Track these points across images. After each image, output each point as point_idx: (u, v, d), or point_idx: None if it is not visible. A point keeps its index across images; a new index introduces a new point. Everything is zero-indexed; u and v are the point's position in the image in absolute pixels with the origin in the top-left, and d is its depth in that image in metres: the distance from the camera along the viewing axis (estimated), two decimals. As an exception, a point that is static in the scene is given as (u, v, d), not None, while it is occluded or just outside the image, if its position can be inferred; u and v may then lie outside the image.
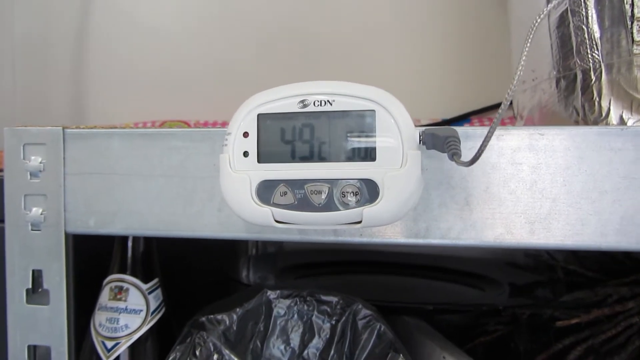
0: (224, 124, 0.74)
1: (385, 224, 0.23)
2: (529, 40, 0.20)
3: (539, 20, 0.20)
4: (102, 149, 0.27)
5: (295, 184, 0.23)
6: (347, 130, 0.23)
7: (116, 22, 0.82)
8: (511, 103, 0.55)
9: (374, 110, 0.22)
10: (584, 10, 0.30)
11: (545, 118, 0.34)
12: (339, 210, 0.22)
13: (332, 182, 0.22)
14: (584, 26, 0.30)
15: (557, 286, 0.55)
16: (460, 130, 0.24)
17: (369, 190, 0.22)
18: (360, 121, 0.22)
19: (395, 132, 0.22)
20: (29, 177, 0.28)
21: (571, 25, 0.31)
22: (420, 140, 0.22)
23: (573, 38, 0.31)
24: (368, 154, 0.22)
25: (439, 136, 0.22)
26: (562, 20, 0.32)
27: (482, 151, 0.18)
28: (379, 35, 0.76)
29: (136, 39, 0.81)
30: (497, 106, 0.67)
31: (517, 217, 0.24)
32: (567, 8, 0.31)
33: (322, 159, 0.23)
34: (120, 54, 0.82)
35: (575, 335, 0.48)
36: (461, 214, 0.25)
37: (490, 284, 0.57)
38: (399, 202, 0.22)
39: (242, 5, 0.78)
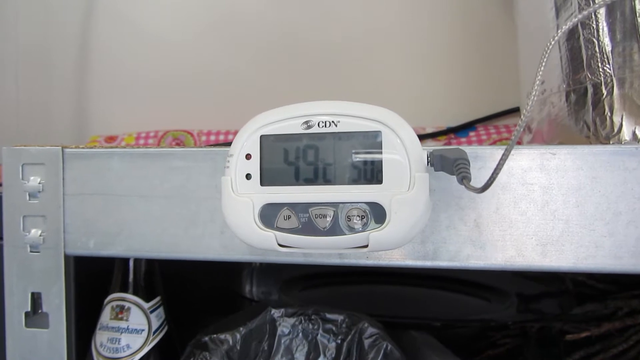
0: (227, 133, 0.73)
1: (392, 248, 0.22)
2: (543, 62, 0.19)
3: (552, 42, 0.20)
4: (102, 169, 0.27)
5: (300, 208, 0.22)
6: (352, 151, 0.22)
7: (119, 31, 0.82)
8: (518, 110, 0.54)
9: (380, 131, 0.22)
10: (594, 23, 0.29)
11: (554, 132, 0.34)
12: (345, 234, 0.22)
13: (337, 205, 0.22)
14: (594, 39, 0.29)
15: (566, 298, 0.54)
16: (469, 150, 0.24)
17: (376, 214, 0.21)
18: (366, 142, 0.22)
19: (403, 154, 0.21)
20: (27, 197, 0.28)
21: (581, 38, 0.30)
22: (428, 162, 0.22)
23: (583, 51, 0.30)
24: (374, 176, 0.22)
25: (448, 158, 0.21)
26: (572, 33, 0.31)
27: (495, 178, 0.18)
28: (383, 42, 0.76)
29: (139, 48, 0.81)
30: (502, 114, 0.66)
31: (528, 238, 0.23)
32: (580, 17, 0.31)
33: (327, 181, 0.22)
34: (122, 63, 0.82)
35: (586, 350, 0.47)
36: (470, 235, 0.24)
37: (498, 295, 0.56)
38: (407, 226, 0.21)
39: (245, 13, 0.78)
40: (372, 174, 0.22)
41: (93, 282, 0.33)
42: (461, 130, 0.72)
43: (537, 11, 0.36)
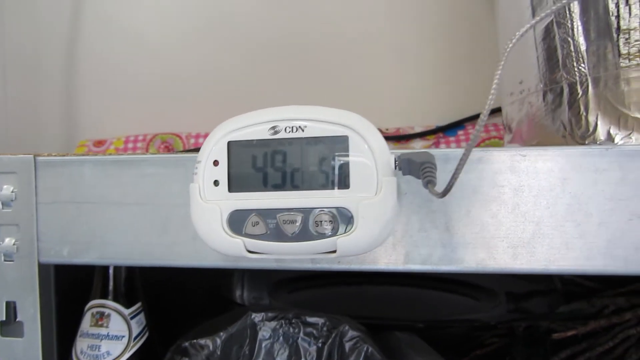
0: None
1: (360, 253, 0.22)
2: (501, 65, 0.19)
3: (510, 45, 0.20)
4: (74, 176, 0.27)
5: (267, 214, 0.22)
6: (320, 156, 0.22)
7: (107, 35, 0.81)
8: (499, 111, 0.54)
9: (347, 136, 0.22)
10: (569, 22, 0.29)
11: (533, 131, 0.34)
12: (313, 240, 0.22)
13: (305, 211, 0.22)
14: (569, 38, 0.29)
15: (554, 296, 0.54)
16: (440, 153, 0.23)
17: (343, 219, 0.21)
18: (334, 147, 0.22)
19: (370, 158, 0.21)
20: (0, 206, 0.27)
21: (557, 37, 0.30)
22: (395, 166, 0.22)
23: (559, 50, 0.30)
24: (342, 181, 0.22)
25: (415, 162, 0.21)
26: (548, 32, 0.31)
27: (454, 182, 0.18)
28: (373, 43, 0.75)
29: (127, 52, 0.81)
30: (491, 112, 0.66)
31: (499, 241, 0.23)
32: (552, 20, 0.31)
33: (294, 187, 0.22)
34: (111, 67, 0.81)
35: (572, 348, 0.47)
36: (442, 238, 0.24)
37: (486, 294, 0.55)
38: (374, 231, 0.21)
39: (233, 15, 0.78)
40: (339, 178, 0.22)
41: (75, 289, 0.33)
42: (450, 129, 0.72)
43: (515, 10, 0.35)
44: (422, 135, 0.73)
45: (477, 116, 0.68)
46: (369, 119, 0.70)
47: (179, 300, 0.41)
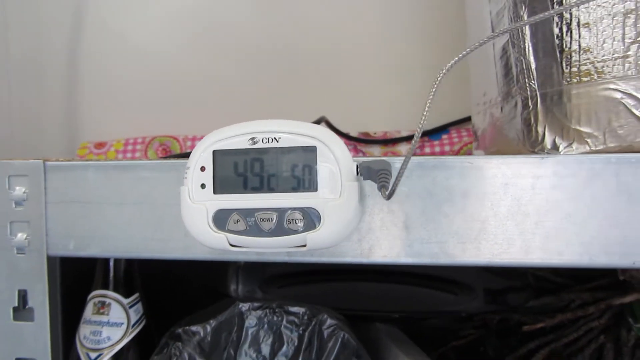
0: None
1: (327, 247, 0.25)
2: (436, 84, 0.22)
3: (444, 71, 0.23)
4: (79, 179, 0.30)
5: (247, 213, 0.25)
6: (292, 164, 0.25)
7: (107, 42, 0.85)
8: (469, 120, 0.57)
9: (315, 146, 0.25)
10: (522, 42, 0.33)
11: (493, 140, 0.37)
12: (286, 235, 0.25)
13: (279, 210, 0.25)
14: (522, 57, 0.33)
15: (528, 292, 0.57)
16: (396, 160, 0.27)
17: (312, 218, 0.25)
18: (304, 156, 0.25)
19: (335, 166, 0.25)
20: (13, 205, 0.31)
21: (512, 56, 0.34)
22: (357, 172, 0.25)
23: (513, 68, 0.34)
24: (311, 185, 0.25)
25: (373, 169, 0.24)
26: (505, 51, 0.35)
27: (397, 186, 0.21)
28: (361, 50, 0.79)
29: (126, 58, 0.84)
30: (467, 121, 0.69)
31: (450, 237, 0.27)
32: (508, 40, 0.34)
33: (270, 189, 0.25)
34: (111, 72, 0.85)
35: (540, 339, 0.50)
36: (400, 235, 0.27)
37: (464, 290, 0.59)
38: (339, 228, 0.25)
39: (229, 24, 0.81)
40: (308, 183, 0.25)
41: (78, 281, 0.37)
42: (435, 133, 0.75)
43: (480, 25, 0.39)
44: (408, 139, 0.76)
45: (460, 121, 0.71)
46: (358, 123, 0.74)
47: (173, 292, 0.45)
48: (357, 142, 0.74)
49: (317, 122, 0.65)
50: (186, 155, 0.59)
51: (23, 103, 0.86)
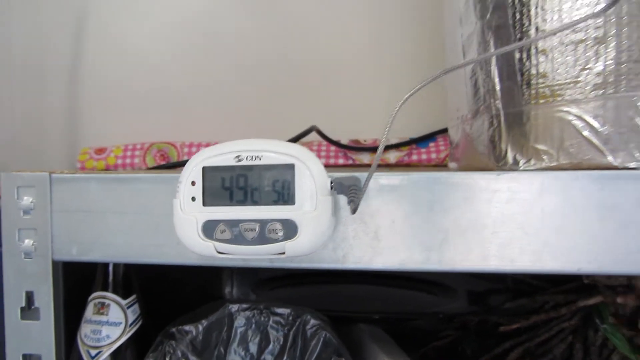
0: (208, 145, 0.80)
1: (304, 254, 0.28)
2: (393, 116, 0.25)
3: (402, 102, 0.26)
4: (82, 190, 0.33)
5: (232, 223, 0.28)
6: (273, 179, 0.28)
7: (108, 50, 0.87)
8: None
9: (293, 164, 0.28)
10: (488, 66, 0.36)
11: (466, 153, 0.40)
12: (267, 244, 0.28)
13: (261, 221, 0.28)
14: (488, 79, 0.36)
15: (506, 294, 0.60)
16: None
17: (290, 228, 0.28)
18: (283, 172, 0.28)
19: (310, 181, 0.28)
20: (22, 214, 0.34)
21: (480, 77, 0.37)
22: (331, 187, 0.28)
23: (481, 88, 0.37)
24: (289, 199, 0.28)
25: (344, 185, 0.27)
26: (474, 72, 0.38)
27: (360, 200, 0.24)
28: (353, 61, 0.82)
29: (126, 66, 0.87)
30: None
31: (416, 245, 0.30)
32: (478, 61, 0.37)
33: (253, 202, 0.28)
34: (111, 80, 0.88)
35: (515, 339, 0.53)
36: (372, 243, 0.30)
37: (446, 291, 0.62)
38: (314, 238, 0.28)
39: (225, 33, 0.84)
40: (287, 197, 0.28)
41: (80, 284, 0.39)
42: (422, 141, 0.78)
43: (453, 45, 0.42)
44: (397, 146, 0.80)
45: (446, 130, 0.74)
46: (349, 131, 0.77)
47: (171, 294, 0.47)
48: (347, 149, 0.77)
49: (308, 130, 0.69)
50: (180, 164, 0.62)
51: (25, 109, 0.89)
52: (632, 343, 0.45)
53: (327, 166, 0.79)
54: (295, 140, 0.67)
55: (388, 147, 0.79)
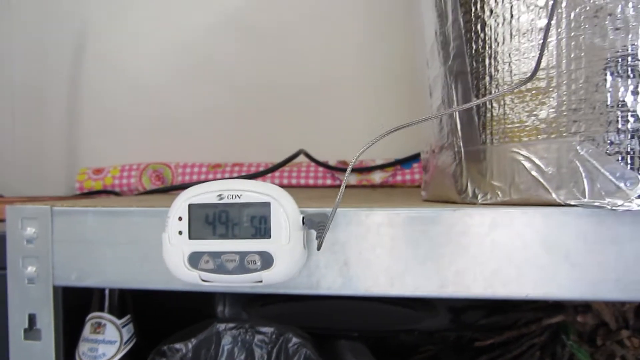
0: (201, 166, 0.83)
1: (279, 282, 0.32)
2: (363, 151, 0.29)
3: (359, 153, 0.30)
4: (80, 222, 0.37)
5: (215, 255, 0.32)
6: (251, 216, 0.32)
7: (106, 75, 0.91)
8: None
9: (269, 202, 0.31)
10: (451, 107, 0.39)
11: (434, 184, 0.43)
12: (246, 273, 0.31)
13: (241, 253, 0.32)
14: (451, 119, 0.39)
15: (484, 310, 0.63)
16: (340, 210, 0.33)
17: (267, 259, 0.31)
18: (260, 209, 0.32)
19: (284, 218, 0.31)
20: (25, 243, 0.37)
21: (444, 117, 0.40)
22: (303, 222, 0.32)
23: (445, 127, 0.40)
24: (266, 233, 0.31)
25: (314, 221, 0.31)
26: (439, 111, 0.41)
27: (324, 237, 0.28)
28: (341, 85, 0.86)
29: (123, 90, 0.91)
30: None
31: (381, 273, 0.33)
32: (441, 104, 0.41)
33: (234, 236, 0.32)
34: (109, 103, 0.91)
35: (489, 354, 0.57)
36: (341, 271, 0.34)
37: (427, 308, 0.65)
38: (288, 268, 0.31)
39: (219, 61, 0.88)
40: (264, 231, 0.31)
41: (78, 306, 0.43)
42: (407, 162, 0.82)
43: (422, 84, 0.46)
44: (382, 167, 0.83)
45: (428, 152, 0.78)
46: (336, 152, 0.81)
47: (160, 314, 0.51)
48: (334, 170, 0.81)
49: (296, 154, 0.72)
50: (173, 188, 0.65)
51: (26, 131, 0.92)
52: (594, 358, 0.48)
53: (315, 186, 0.83)
54: (284, 163, 0.71)
55: (373, 168, 0.82)
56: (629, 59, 0.31)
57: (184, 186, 0.66)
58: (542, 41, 0.31)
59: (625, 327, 0.45)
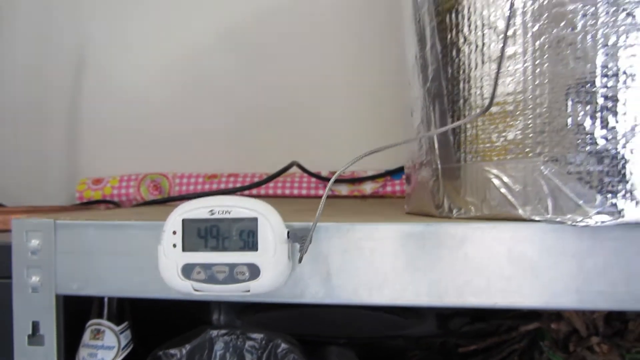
0: (197, 176, 0.86)
1: (266, 292, 0.34)
2: (347, 166, 0.31)
3: (339, 172, 0.32)
4: (82, 234, 0.39)
5: (207, 266, 0.34)
6: (240, 230, 0.34)
7: (105, 88, 0.94)
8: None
9: (257, 217, 0.34)
10: (429, 127, 0.42)
11: (415, 198, 0.46)
12: (235, 283, 0.34)
13: (230, 265, 0.34)
14: (430, 138, 0.42)
15: (467, 317, 0.66)
16: (323, 225, 0.36)
17: (254, 271, 0.34)
18: (248, 224, 0.34)
19: (270, 232, 0.34)
20: (29, 254, 0.40)
21: (424, 139, 0.43)
22: (288, 236, 0.34)
23: (424, 146, 0.43)
24: (253, 246, 0.34)
25: (298, 235, 0.33)
26: (418, 131, 0.44)
27: (305, 251, 0.30)
28: (333, 99, 0.89)
29: (122, 103, 0.93)
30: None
31: (361, 285, 0.36)
32: (420, 124, 0.43)
33: (224, 249, 0.34)
34: (108, 115, 0.94)
35: (473, 359, 0.59)
36: (324, 282, 0.36)
37: (415, 315, 0.67)
38: (274, 278, 0.34)
39: (215, 76, 0.91)
40: (252, 244, 0.34)
41: (79, 313, 0.45)
42: (397, 173, 0.84)
43: (406, 104, 0.48)
44: (373, 178, 0.86)
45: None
46: (328, 163, 0.83)
47: (156, 320, 0.53)
48: (326, 181, 0.84)
49: (290, 165, 0.75)
50: (171, 200, 0.67)
51: (28, 143, 0.95)
52: (568, 364, 0.51)
53: (308, 196, 0.85)
54: (278, 174, 0.74)
55: (364, 179, 0.85)
56: (588, 85, 0.33)
57: (180, 197, 0.69)
58: (496, 70, 0.34)
59: (595, 334, 0.47)
